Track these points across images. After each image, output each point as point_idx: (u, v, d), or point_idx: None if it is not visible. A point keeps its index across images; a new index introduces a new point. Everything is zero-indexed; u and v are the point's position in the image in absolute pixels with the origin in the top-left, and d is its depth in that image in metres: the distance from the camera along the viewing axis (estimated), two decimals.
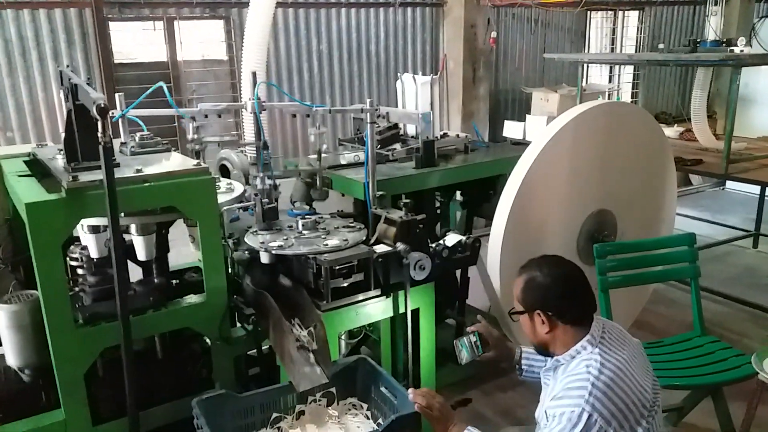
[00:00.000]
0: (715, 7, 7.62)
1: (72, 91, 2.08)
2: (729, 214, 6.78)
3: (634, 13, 7.95)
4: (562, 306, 1.84)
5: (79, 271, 2.36)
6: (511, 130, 4.62)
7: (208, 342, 2.46)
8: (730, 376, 2.75)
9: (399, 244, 2.65)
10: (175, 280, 2.54)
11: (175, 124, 5.12)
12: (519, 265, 1.98)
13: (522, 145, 3.76)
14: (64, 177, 2.03)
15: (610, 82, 7.78)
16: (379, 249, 2.67)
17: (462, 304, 3.54)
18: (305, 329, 2.32)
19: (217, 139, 2.84)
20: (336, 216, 2.98)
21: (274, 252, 2.50)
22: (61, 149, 2.23)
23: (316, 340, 2.28)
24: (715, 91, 7.43)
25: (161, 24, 5.25)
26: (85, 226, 2.22)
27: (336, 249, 2.50)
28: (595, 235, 3.48)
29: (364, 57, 6.21)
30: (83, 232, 2.25)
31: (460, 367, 2.43)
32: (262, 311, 2.45)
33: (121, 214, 2.12)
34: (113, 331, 2.15)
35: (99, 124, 1.87)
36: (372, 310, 2.68)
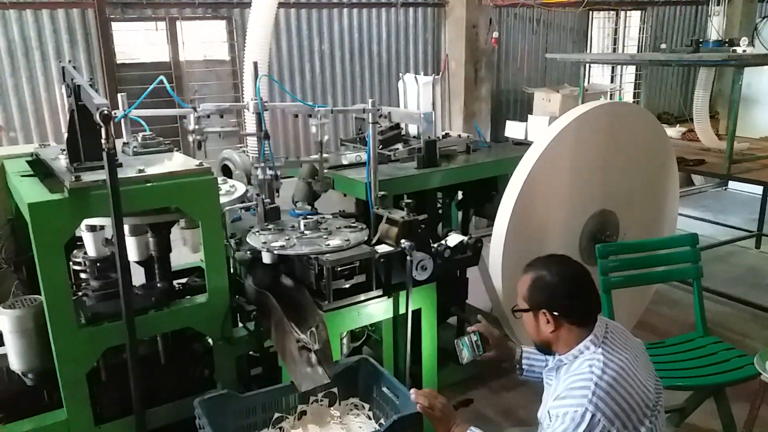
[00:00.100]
0: (718, 7, 7.61)
1: (75, 92, 2.09)
2: (731, 214, 6.77)
3: (637, 13, 7.93)
4: (569, 306, 1.84)
5: (82, 275, 2.37)
6: (513, 130, 4.61)
7: (210, 342, 2.47)
8: (733, 377, 2.75)
9: (403, 241, 2.65)
10: (176, 280, 2.54)
11: (177, 125, 5.12)
12: (521, 266, 1.98)
13: (524, 146, 3.76)
14: (67, 177, 2.04)
15: (612, 82, 7.76)
16: (381, 249, 2.68)
17: (461, 304, 3.54)
18: (307, 329, 2.32)
19: (218, 129, 2.83)
20: (338, 216, 2.98)
21: (276, 252, 2.50)
22: (64, 149, 2.23)
23: (318, 341, 2.28)
24: (718, 91, 7.43)
25: (163, 24, 5.24)
26: (82, 225, 2.22)
27: (338, 249, 2.50)
28: (597, 235, 3.48)
29: (365, 57, 6.20)
30: (81, 229, 2.26)
31: (462, 367, 2.44)
32: (264, 311, 2.45)
33: None
34: (115, 331, 2.16)
35: (103, 130, 1.88)
36: (374, 310, 2.68)
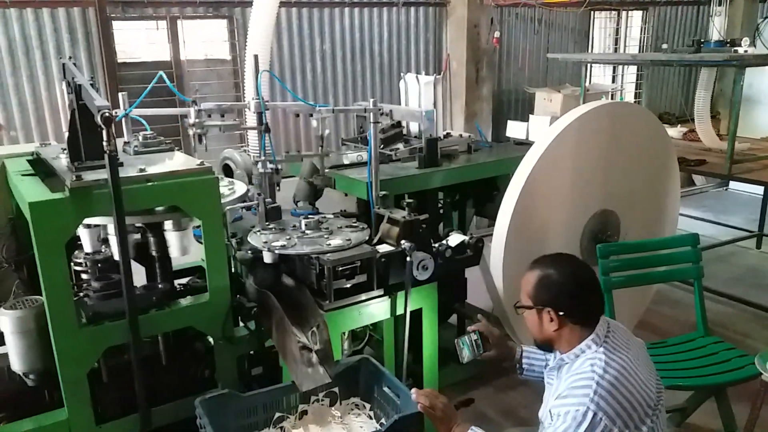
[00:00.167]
0: (719, 7, 7.61)
1: (76, 91, 2.08)
2: (732, 214, 6.76)
3: (638, 13, 7.93)
4: (574, 306, 1.83)
5: (83, 276, 2.37)
6: (515, 130, 4.61)
7: (211, 341, 2.46)
8: (734, 377, 2.75)
9: (404, 242, 2.65)
10: (177, 280, 2.54)
11: (178, 124, 5.12)
12: (522, 266, 1.98)
13: (525, 145, 3.75)
14: (68, 176, 2.04)
15: (613, 82, 7.76)
16: (382, 249, 2.67)
17: (460, 304, 3.54)
18: (308, 329, 2.31)
19: (218, 123, 2.81)
20: (339, 216, 2.98)
21: (277, 251, 2.50)
22: (65, 148, 2.23)
23: (318, 340, 2.28)
24: (719, 91, 7.42)
25: (164, 23, 5.25)
26: None
27: (339, 249, 2.50)
28: (598, 235, 3.48)
29: (367, 57, 6.21)
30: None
31: (463, 367, 2.44)
32: (265, 311, 2.45)
33: None
34: (117, 330, 2.16)
35: (104, 132, 1.87)
36: (375, 310, 2.68)
